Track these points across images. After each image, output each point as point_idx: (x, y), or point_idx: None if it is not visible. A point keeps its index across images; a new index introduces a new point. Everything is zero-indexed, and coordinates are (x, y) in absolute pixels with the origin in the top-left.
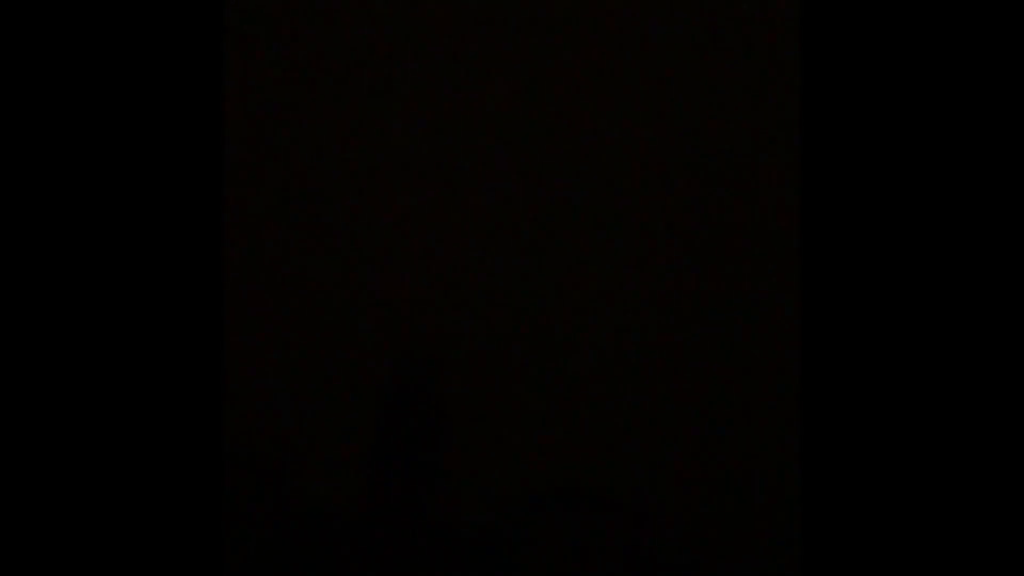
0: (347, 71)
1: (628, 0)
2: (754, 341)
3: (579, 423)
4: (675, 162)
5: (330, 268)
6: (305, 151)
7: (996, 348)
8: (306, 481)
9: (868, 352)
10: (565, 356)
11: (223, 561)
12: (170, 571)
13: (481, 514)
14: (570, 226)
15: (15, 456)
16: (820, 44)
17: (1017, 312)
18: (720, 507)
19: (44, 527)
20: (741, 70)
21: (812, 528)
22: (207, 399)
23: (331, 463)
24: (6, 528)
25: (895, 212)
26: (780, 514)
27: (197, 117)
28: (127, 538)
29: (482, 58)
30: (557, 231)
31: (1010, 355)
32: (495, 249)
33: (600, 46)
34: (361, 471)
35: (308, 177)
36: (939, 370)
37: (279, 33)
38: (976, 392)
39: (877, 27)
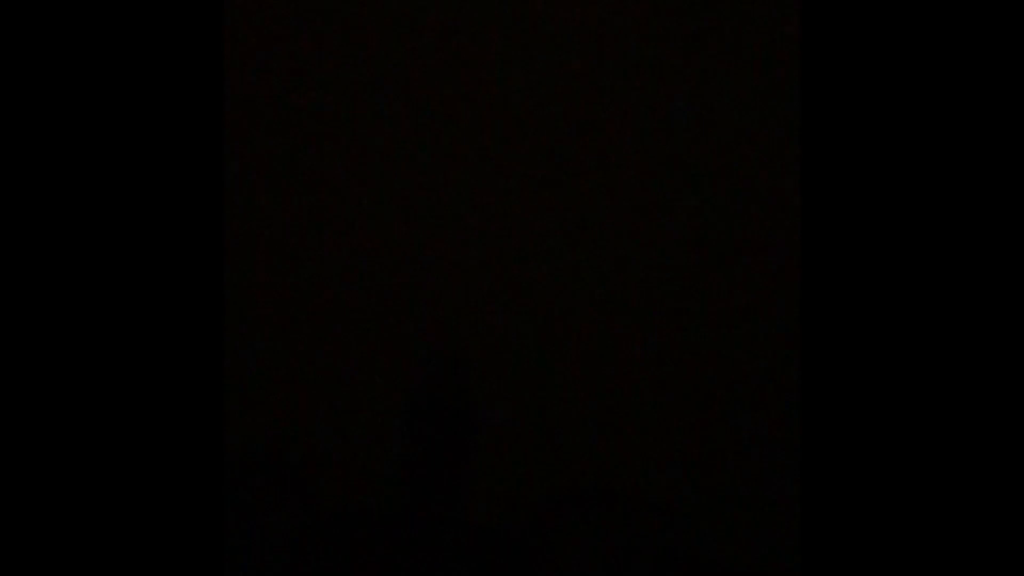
0: (349, 71)
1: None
2: (756, 343)
3: (604, 426)
4: (676, 161)
5: (347, 268)
6: (309, 150)
7: (997, 348)
8: (325, 484)
9: (868, 352)
10: (585, 358)
11: (225, 561)
12: (171, 570)
13: (504, 518)
14: (583, 228)
15: (13, 456)
16: (820, 44)
17: (1018, 312)
18: (727, 508)
19: (43, 526)
20: (741, 69)
21: (812, 528)
22: (210, 399)
23: (353, 465)
24: (5, 528)
25: (895, 211)
26: (780, 514)
27: (197, 117)
28: (127, 537)
29: (483, 56)
30: (566, 232)
31: (1011, 355)
32: (500, 250)
33: (600, 45)
34: (384, 474)
35: (319, 173)
36: (939, 370)
37: (279, 33)
38: (976, 392)
39: (878, 26)
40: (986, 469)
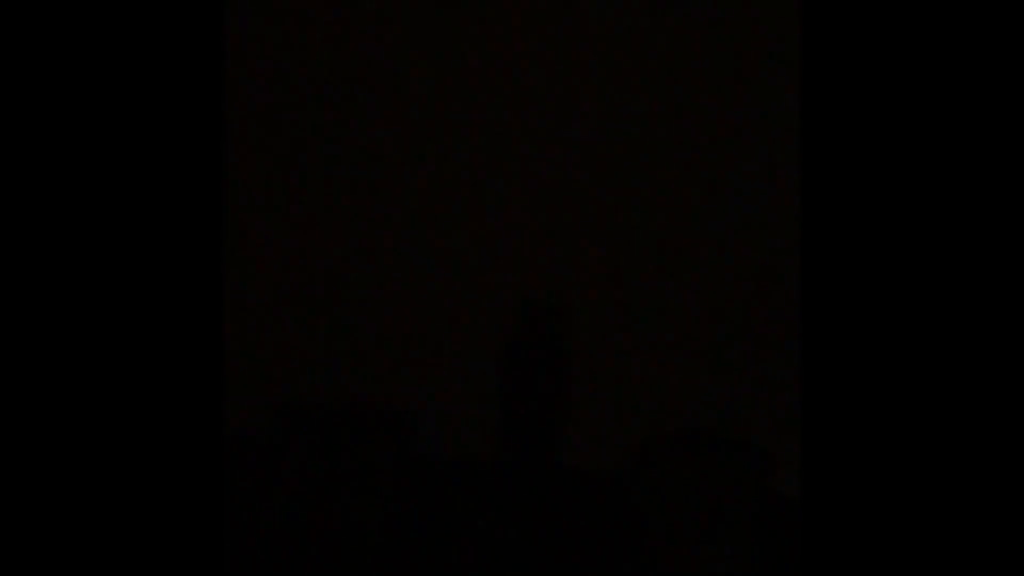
0: (348, 70)
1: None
2: (757, 333)
3: (699, 368)
4: (678, 161)
5: (439, 218)
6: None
7: (997, 348)
8: (421, 431)
9: (868, 351)
10: (678, 299)
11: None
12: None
13: (602, 461)
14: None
15: (13, 452)
16: (820, 43)
17: (1017, 312)
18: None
19: (42, 524)
20: (741, 69)
21: (812, 525)
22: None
23: (448, 412)
24: (4, 526)
25: (896, 211)
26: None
27: (197, 117)
28: (127, 531)
29: (485, 56)
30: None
31: (1010, 355)
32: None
33: (601, 45)
34: (484, 418)
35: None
36: (940, 369)
37: (279, 33)
38: (976, 392)
39: (877, 26)
40: (985, 461)
